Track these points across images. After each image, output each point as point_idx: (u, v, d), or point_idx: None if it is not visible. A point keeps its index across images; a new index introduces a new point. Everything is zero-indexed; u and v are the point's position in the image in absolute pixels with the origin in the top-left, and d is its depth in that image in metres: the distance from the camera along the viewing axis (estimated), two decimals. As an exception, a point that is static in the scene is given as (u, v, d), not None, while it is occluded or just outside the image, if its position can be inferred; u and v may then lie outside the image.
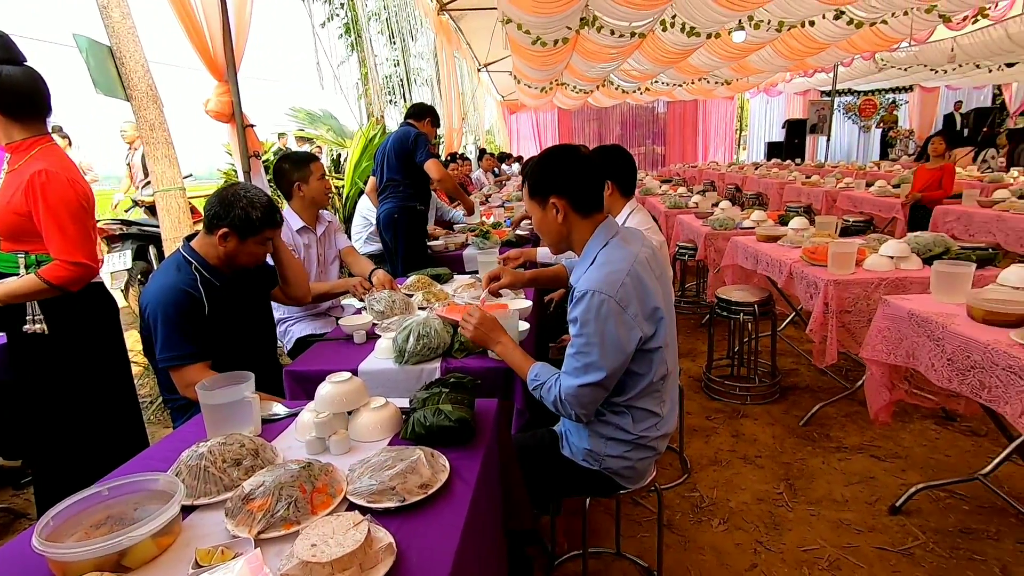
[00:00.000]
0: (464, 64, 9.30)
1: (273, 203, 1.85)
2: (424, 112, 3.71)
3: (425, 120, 3.67)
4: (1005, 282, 1.99)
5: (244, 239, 1.78)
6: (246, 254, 1.82)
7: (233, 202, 1.74)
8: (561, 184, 1.43)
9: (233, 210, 1.73)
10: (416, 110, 3.72)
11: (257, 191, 1.81)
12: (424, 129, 3.62)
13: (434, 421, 1.19)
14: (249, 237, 1.78)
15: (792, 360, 3.63)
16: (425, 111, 3.71)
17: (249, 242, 1.79)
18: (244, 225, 1.75)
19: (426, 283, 2.58)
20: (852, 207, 6.07)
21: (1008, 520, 2.06)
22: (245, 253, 1.82)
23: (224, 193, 1.76)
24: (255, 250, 1.84)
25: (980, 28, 8.40)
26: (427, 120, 3.67)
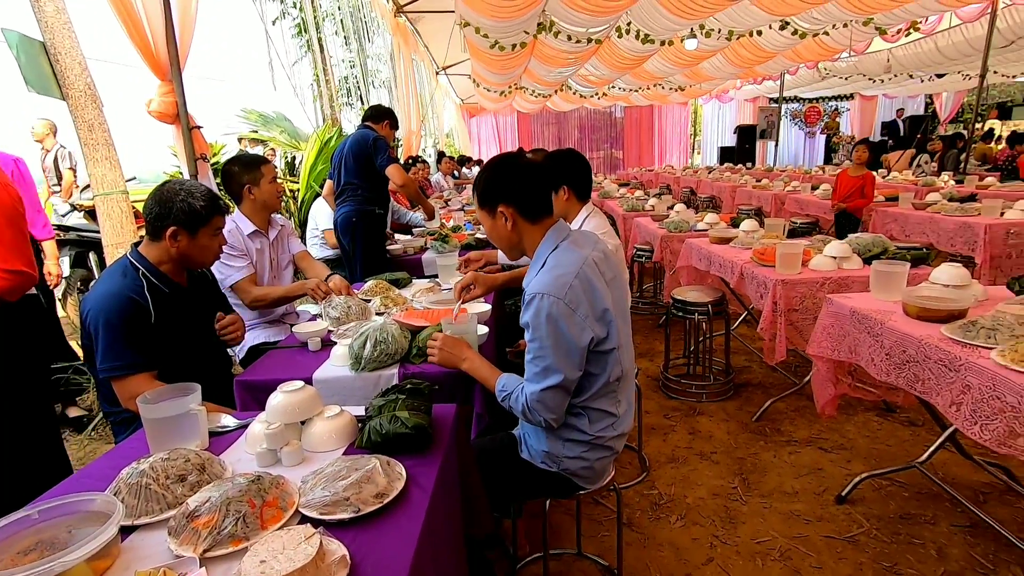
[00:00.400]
0: (422, 67, 9.24)
1: (212, 191, 1.80)
2: (382, 114, 3.65)
3: (383, 122, 3.61)
4: (936, 280, 2.11)
5: (195, 232, 1.72)
6: (200, 249, 1.77)
7: (171, 198, 1.68)
8: (507, 192, 1.45)
9: (174, 205, 1.68)
10: (374, 112, 3.66)
11: (193, 182, 1.77)
12: (382, 131, 3.56)
13: (390, 428, 1.17)
14: (200, 228, 1.73)
15: (745, 358, 3.75)
16: (383, 113, 3.65)
17: (201, 235, 1.74)
18: (191, 217, 1.70)
19: (384, 288, 2.54)
20: (799, 209, 6.33)
21: (943, 505, 2.18)
22: (199, 248, 1.76)
23: (160, 192, 1.70)
24: (209, 243, 1.78)
25: (913, 41, 8.92)
26: (385, 122, 3.62)
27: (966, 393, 1.54)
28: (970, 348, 1.58)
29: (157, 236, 1.71)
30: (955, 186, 6.23)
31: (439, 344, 1.63)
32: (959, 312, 1.80)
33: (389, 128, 3.62)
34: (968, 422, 1.53)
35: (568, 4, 5.76)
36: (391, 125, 3.62)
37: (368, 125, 3.54)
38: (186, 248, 1.73)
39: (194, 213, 1.70)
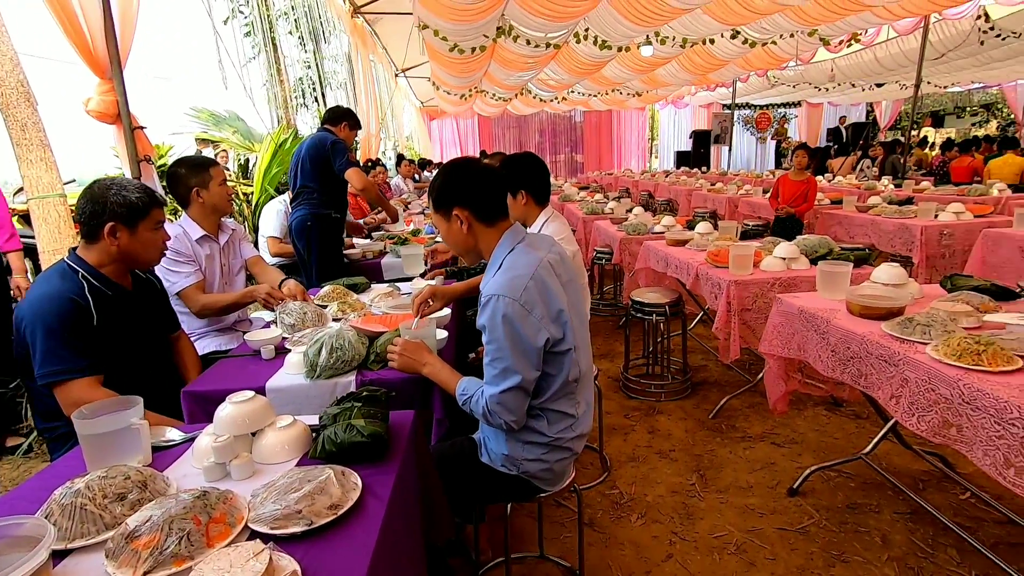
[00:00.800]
0: (381, 68, 9.12)
1: (146, 184, 1.74)
2: (341, 116, 3.55)
3: (342, 124, 3.51)
4: (877, 279, 2.22)
5: (134, 226, 1.66)
6: (142, 245, 1.70)
7: (103, 193, 1.62)
8: (462, 195, 1.46)
9: (107, 200, 1.61)
10: (332, 114, 3.56)
11: (124, 178, 1.71)
12: (341, 134, 3.47)
13: (345, 437, 1.15)
14: (139, 221, 1.66)
15: (702, 357, 3.85)
16: (342, 115, 3.55)
17: (141, 229, 1.68)
18: (128, 210, 1.63)
19: (341, 293, 2.49)
20: (751, 212, 6.54)
21: (887, 494, 2.29)
22: (141, 244, 1.69)
23: (90, 191, 1.63)
24: (151, 238, 1.72)
25: (854, 51, 9.38)
26: (344, 124, 3.51)
27: (904, 386, 1.62)
28: (907, 344, 1.67)
29: (94, 236, 1.64)
30: (894, 190, 6.57)
31: (399, 349, 1.61)
32: (897, 310, 1.89)
33: (348, 129, 3.52)
34: (906, 414, 1.61)
35: (527, 9, 5.80)
36: (351, 126, 3.52)
37: (327, 128, 3.45)
38: (127, 244, 1.66)
39: (131, 206, 1.63)
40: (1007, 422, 1.30)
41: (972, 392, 1.40)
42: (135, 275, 1.85)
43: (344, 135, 3.44)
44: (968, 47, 8.24)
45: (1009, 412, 1.30)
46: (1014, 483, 1.29)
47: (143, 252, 1.72)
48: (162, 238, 1.78)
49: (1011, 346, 1.52)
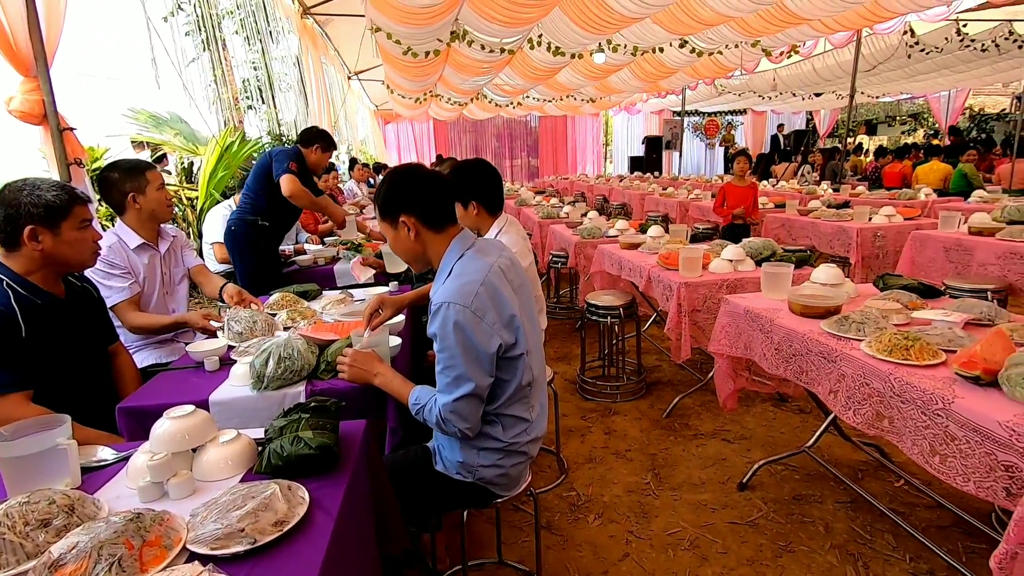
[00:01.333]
0: (333, 71, 8.95)
1: (61, 181, 1.66)
2: (313, 137, 3.32)
3: (314, 147, 3.30)
4: (816, 280, 2.32)
5: (57, 227, 1.57)
6: (69, 246, 1.60)
7: (16, 196, 1.53)
8: (408, 202, 1.44)
9: (20, 203, 1.52)
10: (305, 135, 3.35)
11: (37, 177, 1.61)
12: (312, 156, 3.29)
13: (292, 450, 1.11)
14: (61, 221, 1.57)
15: (656, 357, 3.93)
16: (315, 136, 3.33)
17: (64, 229, 1.58)
18: (46, 211, 1.54)
19: (291, 301, 2.42)
20: (701, 216, 6.75)
21: (829, 484, 2.40)
22: (67, 245, 1.60)
23: (1, 195, 1.53)
24: (77, 237, 1.62)
25: (794, 62, 9.83)
26: (316, 147, 3.30)
27: (841, 381, 1.70)
28: (843, 341, 1.75)
29: (14, 243, 1.54)
30: (832, 194, 6.91)
31: (348, 360, 1.57)
32: (835, 308, 1.98)
33: (321, 152, 3.33)
34: (844, 407, 1.69)
35: (480, 14, 5.81)
36: (323, 149, 3.33)
37: (298, 147, 3.30)
38: (52, 248, 1.57)
39: (48, 206, 1.54)
40: (932, 413, 1.39)
41: (901, 385, 1.48)
42: (69, 282, 1.74)
43: (315, 158, 3.29)
44: (896, 60, 8.78)
45: (934, 403, 1.38)
46: (939, 470, 1.37)
47: (72, 254, 1.63)
48: (92, 237, 1.68)
49: (936, 341, 1.62)
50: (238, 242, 3.24)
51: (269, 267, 3.32)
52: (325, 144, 3.33)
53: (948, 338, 1.64)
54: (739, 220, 5.14)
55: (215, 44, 6.56)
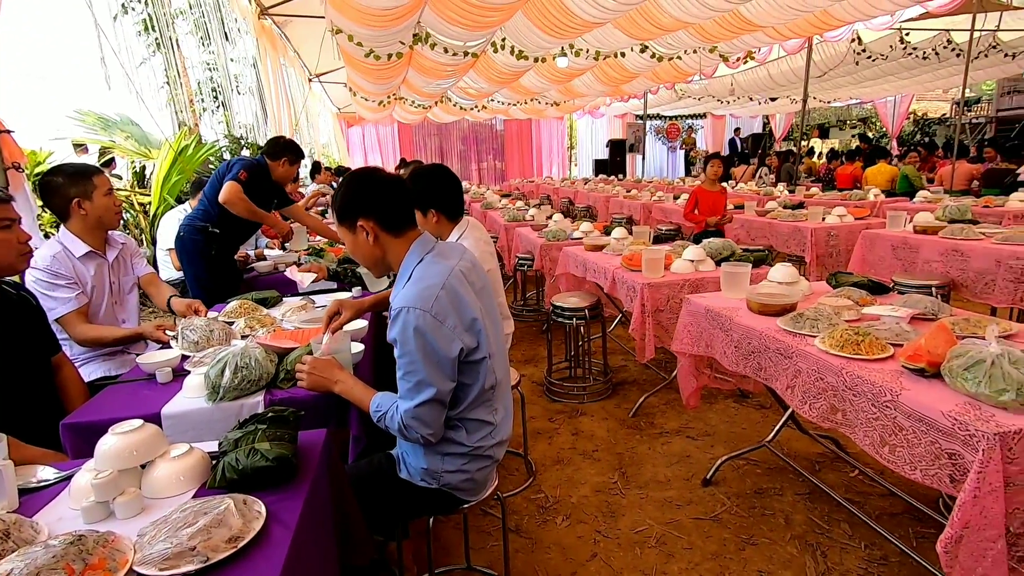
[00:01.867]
0: (293, 73, 8.77)
1: None
2: (280, 150, 3.19)
3: (281, 160, 3.18)
4: (773, 278, 2.39)
5: None
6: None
7: None
8: (366, 206, 1.42)
9: None
10: (272, 148, 3.22)
11: None
12: (280, 170, 3.19)
13: (248, 463, 1.08)
14: None
15: (622, 357, 3.98)
16: (283, 148, 3.20)
17: None
18: None
19: (249, 308, 2.36)
20: (664, 217, 6.88)
21: (788, 477, 2.47)
22: None
23: None
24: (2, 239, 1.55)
25: (750, 68, 10.13)
26: (284, 160, 3.19)
27: (797, 377, 1.75)
28: (799, 337, 1.81)
29: None
30: (788, 196, 7.14)
31: (308, 367, 1.54)
32: (790, 306, 2.04)
33: (289, 165, 3.22)
34: (800, 402, 1.74)
35: (443, 17, 5.79)
36: (291, 161, 3.22)
37: (264, 159, 3.19)
38: None
39: None
40: (882, 404, 1.44)
41: (853, 379, 1.53)
42: (4, 291, 1.65)
43: (283, 171, 3.19)
44: (845, 67, 9.15)
45: (883, 396, 1.44)
46: (889, 460, 1.43)
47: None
48: (18, 238, 1.59)
49: (884, 336, 1.69)
50: (187, 249, 3.14)
51: (220, 275, 3.21)
52: (293, 156, 3.23)
53: (896, 332, 1.71)
54: (712, 227, 4.91)
55: (167, 44, 6.34)
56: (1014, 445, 1.19)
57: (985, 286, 3.11)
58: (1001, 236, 3.18)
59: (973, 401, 1.31)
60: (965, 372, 1.33)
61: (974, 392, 1.31)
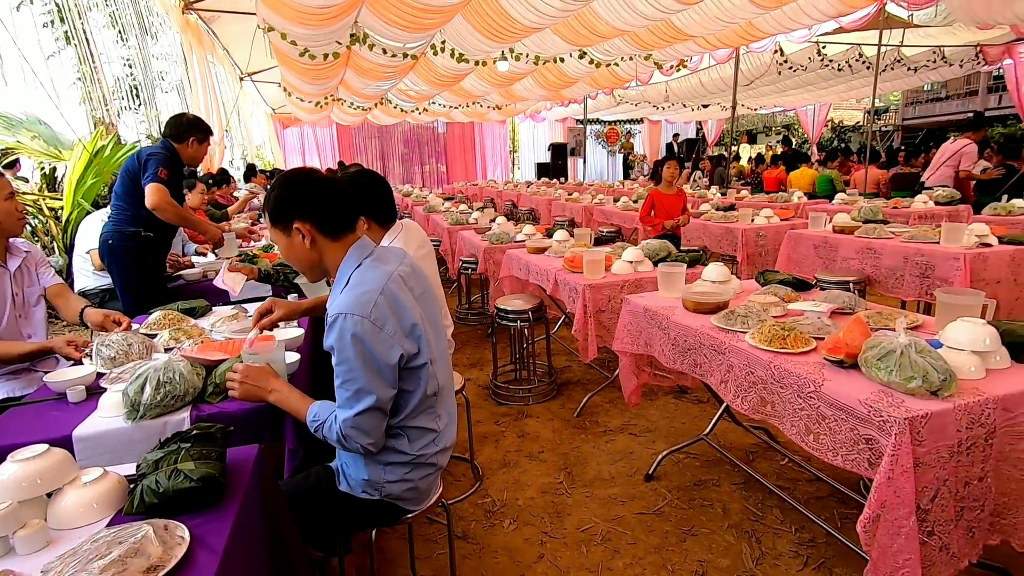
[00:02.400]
0: (223, 71, 8.38)
1: None
2: (187, 128, 2.95)
3: (190, 140, 2.96)
4: (707, 277, 2.49)
5: None
6: None
7: None
8: (304, 208, 1.37)
9: None
10: (175, 127, 2.98)
11: None
12: (188, 151, 2.97)
13: (169, 485, 1.01)
14: None
15: (566, 358, 4.03)
16: (188, 126, 2.96)
17: None
18: None
19: (175, 319, 2.22)
20: (605, 219, 7.03)
21: (725, 468, 2.57)
22: None
23: None
24: None
25: (683, 76, 10.55)
26: (192, 140, 2.97)
27: (730, 372, 1.82)
28: (731, 334, 1.88)
29: None
30: (720, 198, 7.47)
31: (239, 376, 1.46)
32: (723, 304, 2.13)
33: (198, 144, 3.00)
34: (733, 396, 1.81)
35: (381, 17, 5.69)
36: (200, 141, 3.01)
37: (169, 142, 2.96)
38: None
39: None
40: (806, 395, 1.52)
41: (780, 372, 1.62)
42: None
43: (192, 152, 2.98)
44: (769, 76, 9.68)
45: (807, 387, 1.52)
46: (813, 447, 1.51)
47: None
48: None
49: (808, 330, 1.79)
50: (118, 258, 2.92)
51: (157, 282, 3.03)
52: (202, 133, 3.01)
53: (817, 327, 1.82)
54: (669, 230, 4.69)
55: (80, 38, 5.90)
56: (921, 428, 1.29)
57: (895, 281, 3.36)
58: (908, 235, 3.45)
59: (886, 389, 1.41)
60: (878, 362, 1.43)
61: (887, 380, 1.40)
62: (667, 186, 4.79)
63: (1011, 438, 1.38)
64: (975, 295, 1.76)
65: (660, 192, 4.79)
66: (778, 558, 1.99)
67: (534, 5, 5.50)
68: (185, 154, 3.00)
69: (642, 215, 4.88)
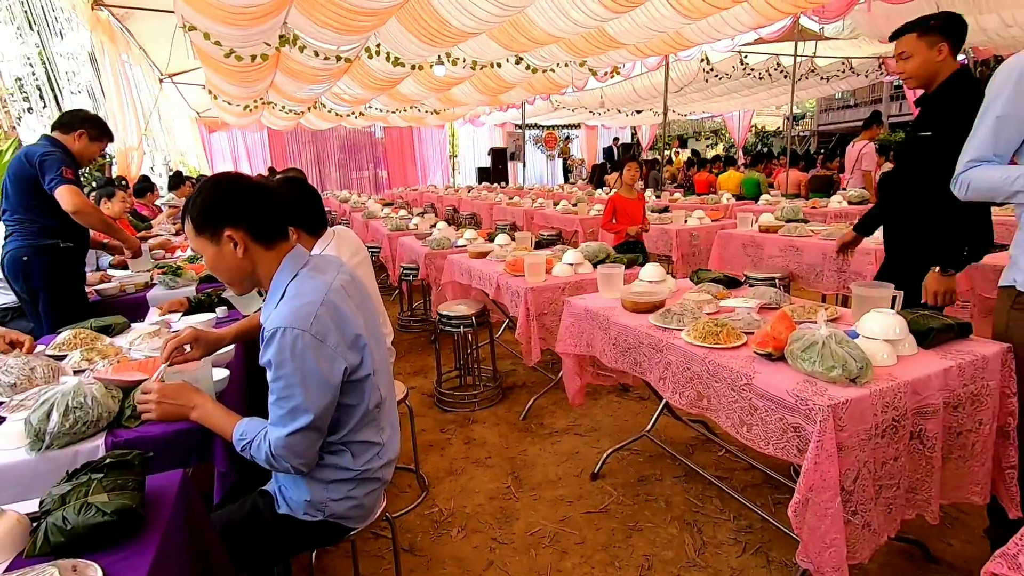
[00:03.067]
0: (139, 72, 7.87)
1: None
2: (78, 122, 2.79)
3: (78, 133, 2.77)
4: (644, 277, 2.55)
5: None
6: None
7: None
8: (235, 213, 1.29)
9: None
10: (67, 120, 2.80)
11: None
12: (77, 144, 2.76)
13: (79, 521, 0.92)
14: None
15: (510, 362, 4.04)
16: (80, 120, 2.80)
17: None
18: None
19: (88, 338, 2.05)
20: (545, 223, 7.11)
21: (666, 462, 2.64)
22: None
23: None
24: None
25: (617, 82, 10.86)
26: (81, 133, 2.78)
27: (668, 369, 1.88)
28: (668, 332, 1.94)
29: None
30: (655, 200, 7.73)
31: (155, 396, 1.36)
32: (660, 303, 2.19)
33: (89, 140, 2.81)
34: (672, 392, 1.86)
35: (311, 19, 5.52)
36: (92, 137, 2.81)
37: (52, 137, 2.75)
38: None
39: None
40: (739, 388, 1.59)
41: (714, 367, 1.68)
42: None
43: (80, 147, 2.76)
44: (697, 84, 10.13)
45: (739, 380, 1.58)
46: (747, 438, 1.58)
47: None
48: None
49: (739, 326, 1.87)
50: (36, 274, 2.66)
51: (81, 296, 2.79)
52: (95, 131, 2.81)
53: (747, 322, 1.90)
54: (632, 237, 4.38)
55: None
56: (843, 414, 1.37)
57: (816, 276, 3.58)
58: (826, 233, 3.69)
59: (810, 379, 1.49)
60: (803, 354, 1.51)
61: (811, 371, 1.48)
62: (628, 190, 4.49)
63: (920, 418, 1.49)
64: (885, 288, 1.89)
65: (621, 197, 4.49)
66: (719, 546, 2.06)
67: (469, 10, 5.50)
68: (72, 148, 2.77)
69: (604, 222, 4.56)
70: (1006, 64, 1.56)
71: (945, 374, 1.52)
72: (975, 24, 6.21)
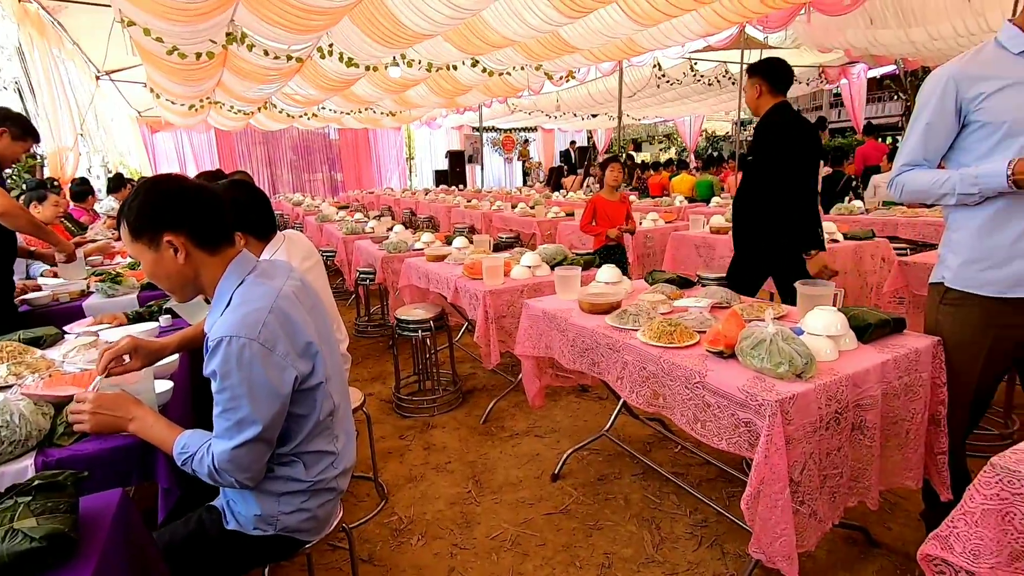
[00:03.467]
0: (73, 68, 7.44)
1: None
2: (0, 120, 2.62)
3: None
4: (601, 279, 2.59)
5: None
6: None
7: None
8: (176, 217, 1.23)
9: None
10: None
11: None
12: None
13: (5, 549, 0.86)
14: None
15: (470, 365, 4.02)
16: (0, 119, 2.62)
17: None
18: None
19: (16, 351, 1.92)
20: (504, 226, 7.13)
21: (625, 460, 2.68)
22: None
23: None
24: None
25: (573, 86, 11.01)
26: (2, 133, 2.59)
27: (625, 368, 1.91)
28: (624, 332, 1.97)
29: None
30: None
31: (89, 406, 1.27)
32: (616, 304, 2.22)
33: (12, 140, 2.62)
34: (629, 391, 1.89)
35: (260, 16, 5.35)
36: (14, 136, 2.63)
37: None
38: None
39: None
40: (693, 386, 1.63)
41: (669, 365, 1.71)
42: None
43: (1, 147, 2.59)
44: (649, 89, 10.37)
45: (693, 378, 1.62)
46: (701, 434, 1.62)
47: None
48: None
49: (692, 324, 1.92)
50: None
51: (8, 307, 2.60)
52: (18, 129, 2.64)
53: (700, 321, 1.95)
54: (614, 239, 4.23)
55: None
56: (790, 409, 1.42)
57: (764, 276, 3.71)
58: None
59: (760, 375, 1.54)
60: (752, 351, 1.56)
61: (760, 367, 1.53)
62: (610, 192, 4.29)
63: (860, 410, 1.57)
64: (827, 286, 1.98)
65: (603, 198, 4.29)
66: (676, 541, 2.11)
67: (424, 12, 5.46)
68: None
69: (583, 224, 4.39)
70: (933, 74, 1.66)
71: (882, 367, 1.60)
72: (904, 37, 6.60)
